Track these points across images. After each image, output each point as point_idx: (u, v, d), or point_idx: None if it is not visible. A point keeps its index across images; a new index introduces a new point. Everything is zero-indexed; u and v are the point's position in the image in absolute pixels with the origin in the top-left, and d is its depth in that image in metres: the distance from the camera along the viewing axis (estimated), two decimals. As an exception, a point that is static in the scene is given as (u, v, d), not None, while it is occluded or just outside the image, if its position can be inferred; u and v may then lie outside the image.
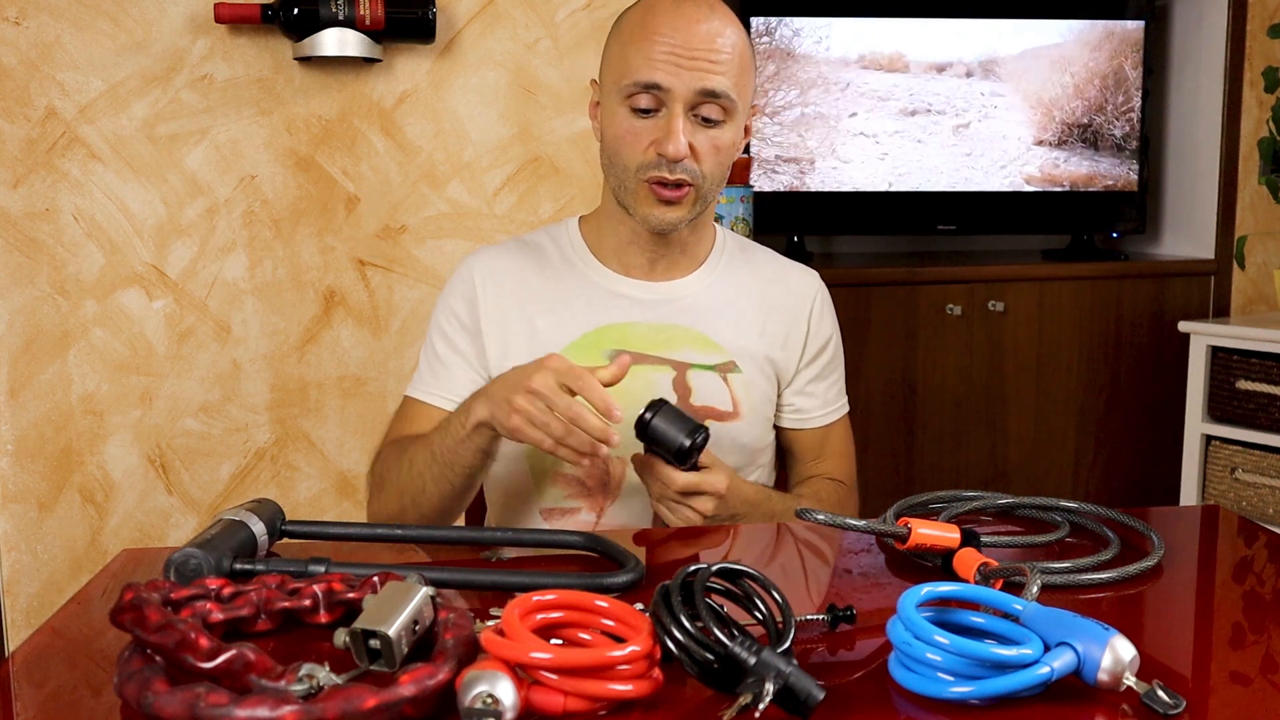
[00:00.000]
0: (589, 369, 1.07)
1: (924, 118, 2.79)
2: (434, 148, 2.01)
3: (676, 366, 1.28)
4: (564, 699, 0.67)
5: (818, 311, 1.36)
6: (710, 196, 1.24)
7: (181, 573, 0.84)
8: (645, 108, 1.18)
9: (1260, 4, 2.77)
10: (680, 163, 1.18)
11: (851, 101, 2.75)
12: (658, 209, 1.21)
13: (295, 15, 1.85)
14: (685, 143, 1.17)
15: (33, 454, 1.94)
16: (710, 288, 1.32)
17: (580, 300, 1.29)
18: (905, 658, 0.71)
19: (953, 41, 2.78)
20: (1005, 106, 2.82)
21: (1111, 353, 2.74)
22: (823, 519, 0.93)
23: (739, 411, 1.30)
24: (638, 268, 1.30)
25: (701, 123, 1.19)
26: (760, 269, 1.36)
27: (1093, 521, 1.05)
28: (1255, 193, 2.83)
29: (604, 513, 1.28)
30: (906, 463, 2.65)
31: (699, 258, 1.33)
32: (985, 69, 2.81)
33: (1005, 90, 2.82)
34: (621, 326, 1.28)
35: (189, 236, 1.95)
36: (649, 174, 1.19)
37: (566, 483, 1.28)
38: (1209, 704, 0.72)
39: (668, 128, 1.17)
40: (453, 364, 1.30)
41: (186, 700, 0.63)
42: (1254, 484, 2.49)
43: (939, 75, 2.80)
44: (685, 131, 1.17)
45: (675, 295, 1.30)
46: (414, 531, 1.03)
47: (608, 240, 1.31)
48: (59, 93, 1.89)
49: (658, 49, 1.16)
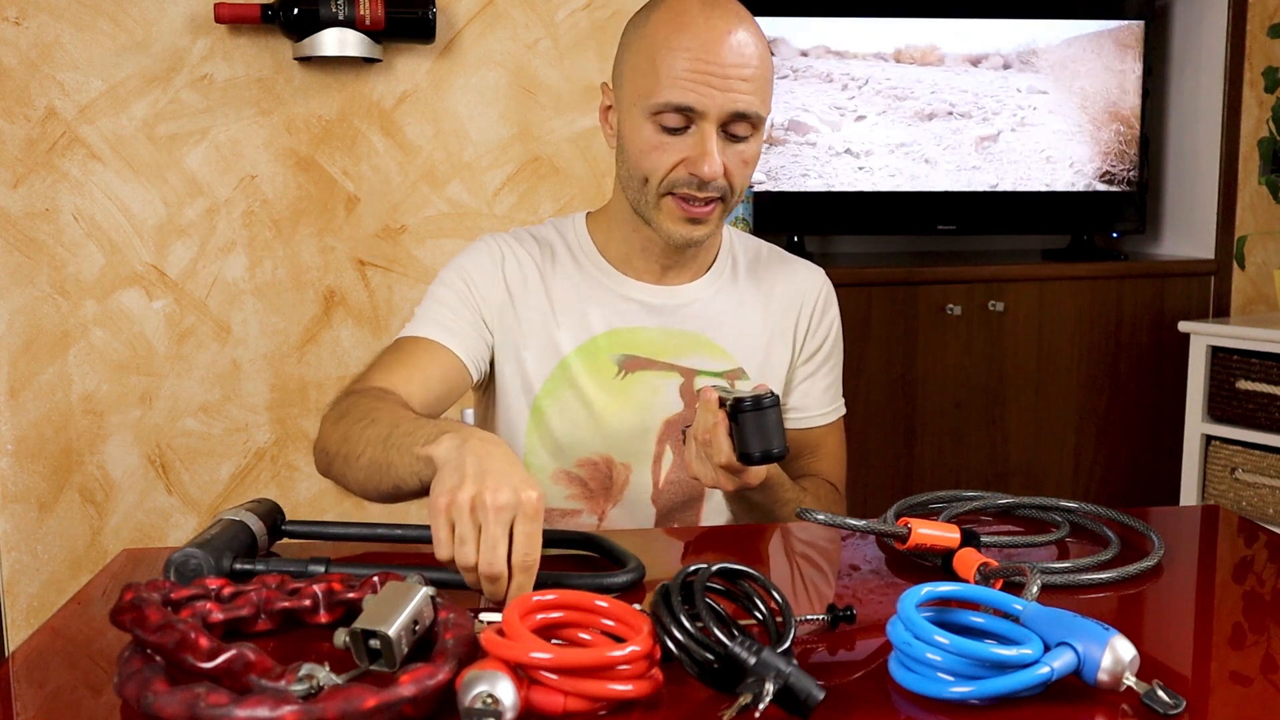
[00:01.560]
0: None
1: (923, 116, 2.79)
2: (434, 148, 2.01)
3: (684, 373, 1.27)
4: (564, 699, 0.67)
5: (820, 309, 1.35)
6: (733, 208, 1.23)
7: (181, 573, 0.84)
8: (674, 126, 1.15)
9: (1260, 4, 2.77)
10: (712, 182, 1.15)
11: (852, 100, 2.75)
12: (684, 226, 1.19)
13: (295, 15, 1.85)
14: (721, 164, 1.14)
15: (33, 454, 1.94)
16: (719, 293, 1.31)
17: (591, 303, 1.27)
18: (905, 658, 0.71)
19: (951, 41, 2.78)
20: (1006, 105, 2.82)
21: (1111, 353, 2.74)
22: (823, 519, 0.93)
23: None
24: (648, 273, 1.28)
25: (730, 139, 1.16)
26: (767, 270, 1.35)
27: (1093, 521, 1.05)
28: (1255, 193, 2.83)
29: (605, 516, 1.28)
30: (906, 463, 2.65)
31: (706, 262, 1.31)
32: (985, 68, 2.81)
33: (1005, 90, 2.82)
34: (631, 331, 1.27)
35: (189, 236, 1.95)
36: (678, 190, 1.17)
37: (569, 482, 1.27)
38: (1209, 704, 0.72)
39: (701, 149, 1.14)
40: (458, 310, 1.24)
41: (186, 700, 0.63)
42: (1254, 484, 2.49)
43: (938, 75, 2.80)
44: (719, 151, 1.14)
45: (684, 300, 1.29)
46: (414, 531, 1.03)
47: (617, 244, 1.28)
48: (59, 93, 1.89)
49: (688, 67, 1.12)
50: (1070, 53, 2.81)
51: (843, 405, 1.39)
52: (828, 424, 1.36)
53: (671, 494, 1.28)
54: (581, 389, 1.25)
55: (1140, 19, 2.83)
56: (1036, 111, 2.82)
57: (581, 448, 1.26)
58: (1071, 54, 2.81)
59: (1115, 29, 2.82)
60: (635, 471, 1.27)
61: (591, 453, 1.26)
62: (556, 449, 1.27)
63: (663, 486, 1.28)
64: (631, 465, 1.26)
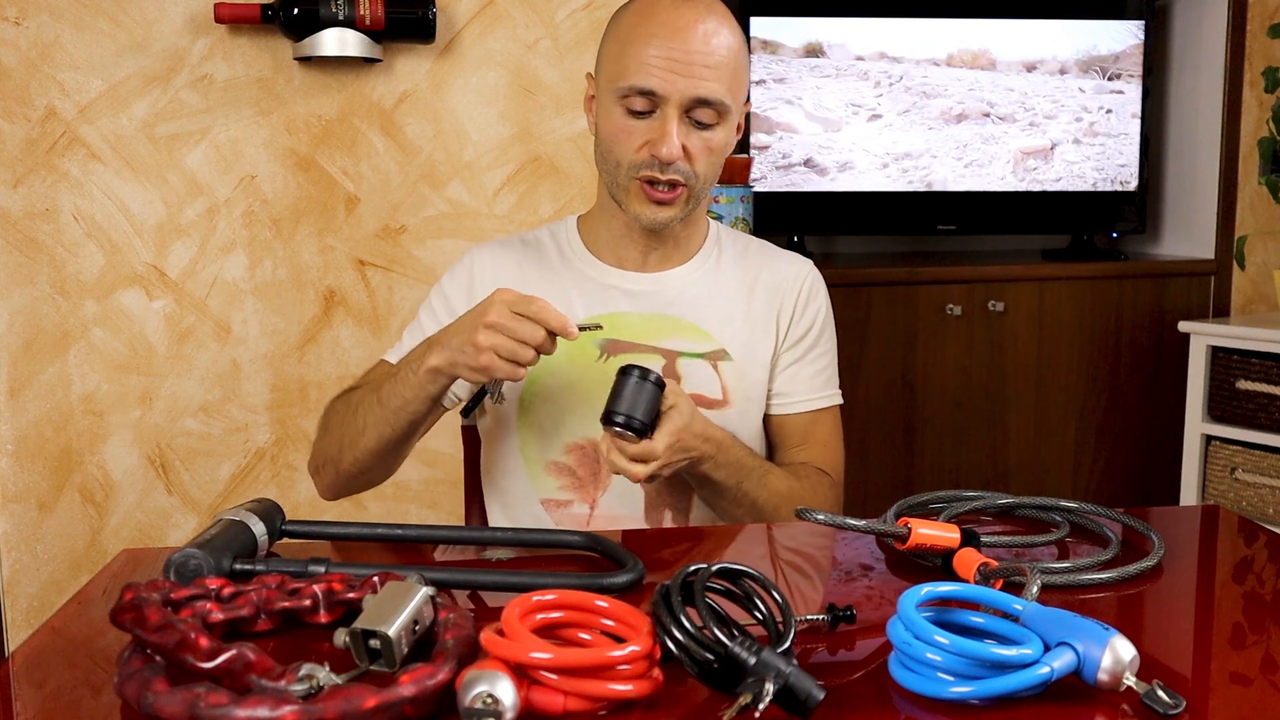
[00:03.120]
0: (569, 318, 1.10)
1: (921, 115, 2.79)
2: (434, 148, 2.01)
3: (666, 354, 1.29)
4: (564, 699, 0.67)
5: (805, 295, 1.36)
6: (703, 195, 1.26)
7: (181, 573, 0.84)
8: (640, 110, 1.20)
9: (1260, 4, 2.77)
10: (672, 165, 1.20)
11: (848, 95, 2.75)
12: (649, 208, 1.24)
13: (295, 15, 1.85)
14: (679, 146, 1.19)
15: (33, 454, 1.94)
16: (701, 278, 1.33)
17: (573, 292, 1.31)
18: (905, 658, 0.71)
19: (954, 41, 2.78)
20: (1006, 107, 2.82)
21: (1111, 353, 2.74)
22: (823, 519, 0.93)
23: (729, 399, 1.30)
24: (631, 260, 1.32)
25: (695, 125, 1.21)
26: (753, 259, 1.37)
27: (1093, 521, 1.05)
28: (1255, 193, 2.83)
29: (597, 504, 1.29)
30: (906, 463, 2.65)
31: (691, 250, 1.34)
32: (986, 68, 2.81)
33: (1005, 89, 2.82)
34: (612, 317, 1.30)
35: (189, 236, 1.95)
36: (641, 173, 1.22)
37: (559, 473, 1.29)
38: (1209, 704, 0.72)
39: (662, 130, 1.19)
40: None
41: (186, 700, 0.63)
42: (1254, 484, 2.49)
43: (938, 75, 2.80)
44: (679, 134, 1.19)
45: (665, 286, 1.32)
46: (414, 531, 1.03)
47: (602, 235, 1.33)
48: (59, 93, 1.89)
49: (654, 53, 1.18)
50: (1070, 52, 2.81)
51: (838, 395, 1.39)
52: (816, 410, 1.36)
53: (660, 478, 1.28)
54: (564, 374, 1.27)
55: (1140, 19, 2.83)
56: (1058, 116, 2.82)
57: (567, 433, 1.28)
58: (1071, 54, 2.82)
59: (1115, 29, 2.82)
60: None
61: (579, 437, 1.28)
62: (544, 436, 1.29)
63: None
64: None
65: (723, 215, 2.16)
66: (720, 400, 1.30)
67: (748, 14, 2.68)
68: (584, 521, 1.28)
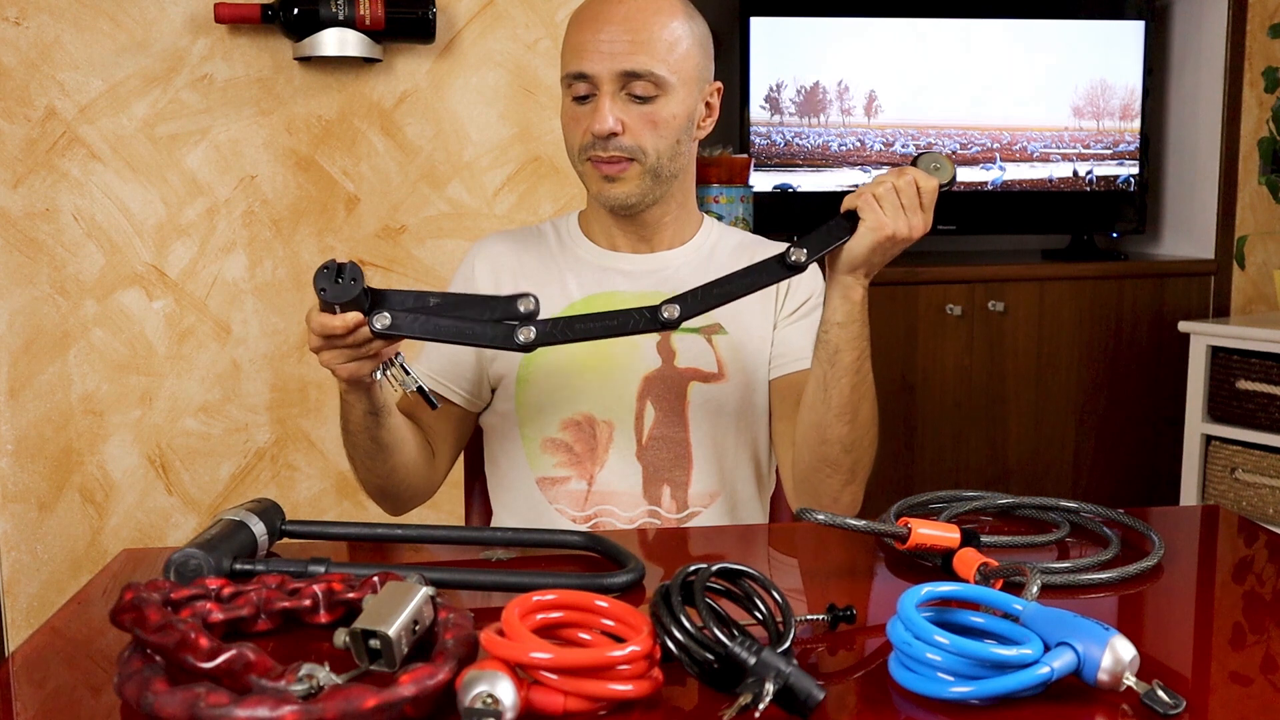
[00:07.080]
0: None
1: (921, 115, 2.79)
2: (434, 148, 2.01)
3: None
4: (564, 699, 0.67)
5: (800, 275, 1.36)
6: (663, 170, 1.27)
7: (181, 573, 0.84)
8: (582, 95, 1.25)
9: (1260, 4, 2.78)
10: (612, 140, 1.23)
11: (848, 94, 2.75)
12: (603, 185, 1.27)
13: (295, 15, 1.85)
14: (611, 120, 1.22)
15: (33, 454, 1.94)
16: (695, 259, 1.36)
17: (570, 274, 1.34)
18: (905, 658, 0.71)
19: (954, 40, 2.78)
20: (1005, 105, 2.82)
21: (1111, 353, 2.74)
22: (823, 519, 0.93)
23: (724, 373, 1.31)
24: (625, 245, 1.35)
25: (635, 100, 1.23)
26: (748, 247, 1.40)
27: (1093, 521, 1.05)
28: (1255, 193, 2.83)
29: (594, 480, 1.29)
30: (906, 463, 2.65)
31: (684, 237, 1.36)
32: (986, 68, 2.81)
33: (1005, 90, 2.82)
34: (607, 295, 1.32)
35: (189, 236, 1.95)
36: (589, 154, 1.26)
37: (555, 449, 1.30)
38: (1209, 704, 0.72)
39: (594, 107, 1.24)
40: (450, 355, 1.34)
41: (186, 700, 0.63)
42: (1254, 484, 2.49)
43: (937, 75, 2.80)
44: (615, 110, 1.23)
45: (659, 266, 1.34)
46: (414, 531, 1.03)
47: (595, 224, 1.36)
48: (59, 93, 1.89)
49: (584, 38, 1.23)
50: (1070, 52, 2.81)
51: None
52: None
53: (656, 451, 1.29)
54: (558, 350, 1.28)
55: (1140, 19, 2.83)
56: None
57: (563, 407, 1.30)
58: (1071, 54, 2.81)
59: (1115, 29, 2.82)
60: (618, 429, 1.29)
61: (574, 412, 1.29)
62: (540, 413, 1.30)
63: (646, 443, 1.29)
64: (614, 423, 1.29)
65: (722, 215, 2.16)
66: (716, 374, 1.31)
67: (747, 14, 2.68)
68: (582, 498, 1.29)
